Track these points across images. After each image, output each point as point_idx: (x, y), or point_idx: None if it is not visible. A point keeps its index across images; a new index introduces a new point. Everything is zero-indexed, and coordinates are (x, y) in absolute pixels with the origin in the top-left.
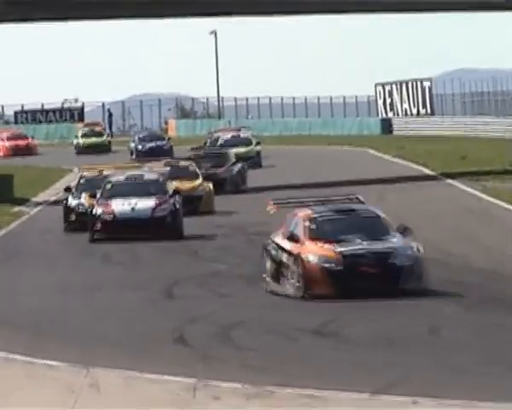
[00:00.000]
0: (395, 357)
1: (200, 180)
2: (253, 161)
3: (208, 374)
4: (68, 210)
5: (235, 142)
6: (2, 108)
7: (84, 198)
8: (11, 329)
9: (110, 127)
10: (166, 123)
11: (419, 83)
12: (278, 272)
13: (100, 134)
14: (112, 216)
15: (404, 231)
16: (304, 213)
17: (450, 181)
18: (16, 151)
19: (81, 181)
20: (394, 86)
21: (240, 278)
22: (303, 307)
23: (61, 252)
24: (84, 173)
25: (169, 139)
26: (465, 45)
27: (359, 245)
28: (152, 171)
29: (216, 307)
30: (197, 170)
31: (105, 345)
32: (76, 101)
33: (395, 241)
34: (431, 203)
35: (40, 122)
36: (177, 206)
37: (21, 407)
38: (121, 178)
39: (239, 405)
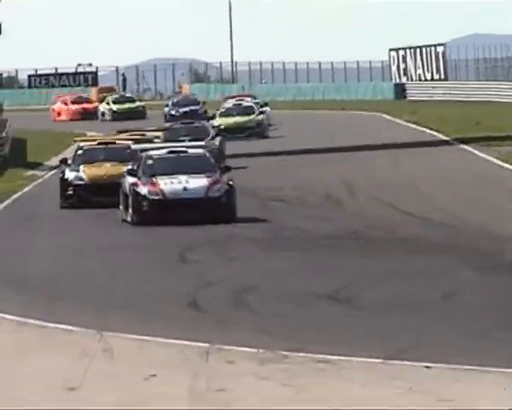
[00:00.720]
0: (408, 322)
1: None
2: (253, 131)
3: (221, 338)
4: (65, 184)
5: (236, 110)
6: (16, 72)
7: (83, 171)
8: (25, 292)
9: (124, 91)
10: (180, 87)
11: (433, 48)
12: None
13: (132, 100)
14: (161, 196)
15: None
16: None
17: (463, 146)
18: (84, 115)
19: (78, 152)
20: (408, 51)
21: (253, 243)
22: (316, 273)
23: (75, 215)
24: (81, 144)
25: (204, 103)
26: (479, 10)
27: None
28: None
29: (229, 272)
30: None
31: (118, 309)
32: (90, 65)
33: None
34: (445, 169)
35: (54, 86)
36: (232, 184)
37: (35, 371)
38: (163, 152)
39: (252, 369)
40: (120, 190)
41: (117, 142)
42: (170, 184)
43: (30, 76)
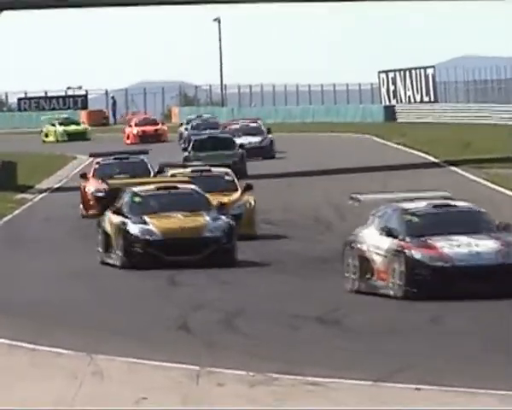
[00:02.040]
0: (397, 345)
1: (239, 193)
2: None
3: (212, 361)
4: (130, 239)
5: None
6: (6, 95)
7: (152, 224)
8: (15, 316)
9: (114, 115)
10: (170, 111)
11: (422, 70)
12: None
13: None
14: (448, 264)
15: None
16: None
17: (453, 168)
18: (143, 138)
19: (135, 200)
20: (398, 74)
21: (242, 266)
22: (305, 296)
23: (65, 239)
24: (135, 189)
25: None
26: (468, 33)
27: None
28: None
29: (219, 295)
30: (235, 179)
31: (108, 332)
32: (80, 88)
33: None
34: (434, 191)
35: (43, 109)
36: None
37: (25, 394)
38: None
39: (242, 392)
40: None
41: (179, 186)
42: (456, 248)
43: (20, 99)
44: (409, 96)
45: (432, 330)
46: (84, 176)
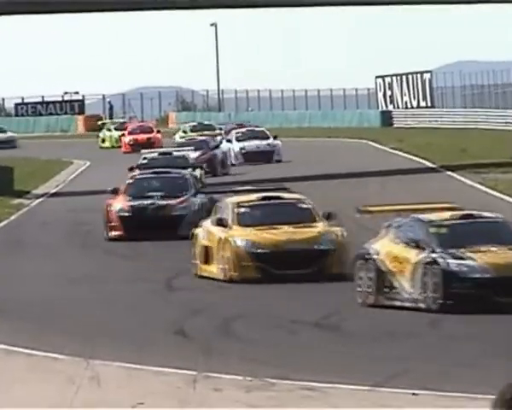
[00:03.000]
0: (395, 350)
1: (322, 224)
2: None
3: (209, 366)
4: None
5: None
6: (3, 100)
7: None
8: (12, 321)
9: (111, 120)
10: (167, 116)
11: (419, 75)
12: None
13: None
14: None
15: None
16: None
17: (449, 173)
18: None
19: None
20: (394, 79)
21: None
22: (304, 300)
23: (62, 243)
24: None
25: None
26: (465, 38)
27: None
28: None
29: (216, 300)
30: (314, 208)
31: (105, 337)
32: (77, 93)
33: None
34: (431, 196)
35: (41, 114)
36: None
37: (22, 399)
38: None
39: (239, 397)
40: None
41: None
42: None
43: (17, 104)
44: (405, 101)
45: (429, 334)
46: (115, 191)
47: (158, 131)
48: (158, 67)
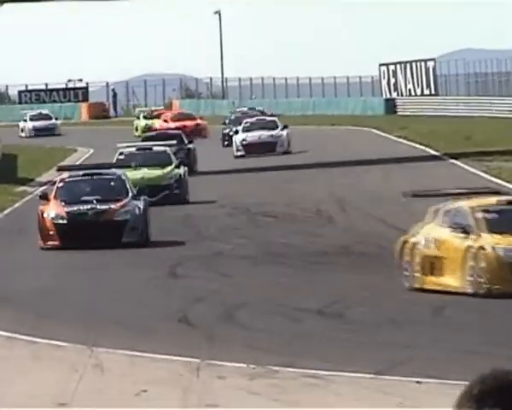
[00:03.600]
0: (398, 337)
1: None
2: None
3: (212, 354)
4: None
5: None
6: (7, 87)
7: None
8: (16, 308)
9: (115, 107)
10: (171, 103)
11: (423, 63)
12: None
13: None
14: None
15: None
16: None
17: (453, 161)
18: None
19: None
20: (398, 66)
21: (243, 259)
22: (307, 288)
23: None
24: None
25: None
26: (469, 25)
27: None
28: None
29: (220, 288)
30: None
31: (109, 325)
32: (80, 80)
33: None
34: (435, 184)
35: (44, 102)
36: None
37: (25, 387)
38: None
39: (243, 384)
40: None
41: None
42: None
43: (20, 92)
44: (409, 89)
45: (433, 322)
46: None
47: (201, 118)
48: (162, 55)
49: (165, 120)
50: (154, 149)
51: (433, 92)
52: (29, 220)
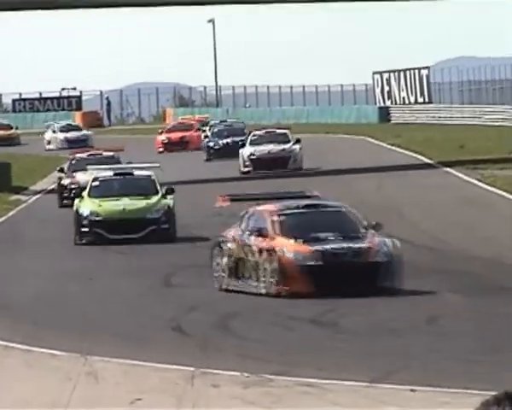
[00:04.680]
0: (393, 346)
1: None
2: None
3: (206, 362)
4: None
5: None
6: (1, 96)
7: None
8: (10, 317)
9: (109, 116)
10: (165, 112)
11: (417, 71)
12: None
13: None
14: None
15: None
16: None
17: (447, 169)
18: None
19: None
20: (392, 75)
21: None
22: (301, 297)
23: (60, 240)
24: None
25: (298, 141)
26: (463, 33)
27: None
28: None
29: (213, 296)
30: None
31: (103, 333)
32: (74, 89)
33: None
34: (428, 192)
35: (38, 111)
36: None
37: (19, 395)
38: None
39: (237, 393)
40: None
41: None
42: None
43: (14, 100)
44: (403, 97)
45: (427, 330)
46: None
47: (197, 130)
48: (156, 63)
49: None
50: (136, 173)
51: (426, 100)
52: (23, 229)
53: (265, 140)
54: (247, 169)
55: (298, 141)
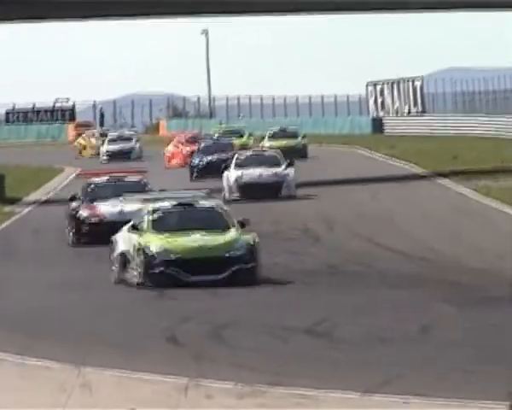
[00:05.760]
0: (386, 356)
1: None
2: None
3: (200, 373)
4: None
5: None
6: None
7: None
8: (3, 328)
9: (101, 127)
10: (158, 123)
11: (410, 82)
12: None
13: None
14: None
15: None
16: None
17: (441, 180)
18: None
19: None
20: (385, 85)
21: None
22: (295, 307)
23: (54, 251)
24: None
25: (290, 165)
26: (456, 44)
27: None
28: None
29: (207, 306)
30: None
31: (96, 344)
32: (67, 100)
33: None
34: (422, 202)
35: (31, 122)
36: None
37: (13, 407)
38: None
39: (231, 404)
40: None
41: None
42: None
43: (7, 112)
44: (397, 108)
45: (421, 340)
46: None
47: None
48: (149, 74)
49: (180, 142)
50: (198, 203)
51: (420, 111)
52: (17, 240)
53: (253, 162)
54: (233, 197)
55: (290, 164)
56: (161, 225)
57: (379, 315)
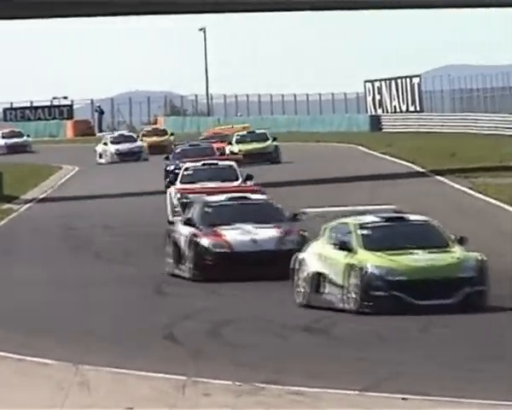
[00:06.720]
0: (385, 354)
1: None
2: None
3: (198, 371)
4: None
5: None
6: None
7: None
8: (2, 326)
9: (100, 125)
10: (156, 120)
11: (408, 80)
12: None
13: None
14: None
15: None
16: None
17: (439, 178)
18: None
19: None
20: (383, 83)
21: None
22: (293, 305)
23: (52, 249)
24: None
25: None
26: (454, 42)
27: None
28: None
29: (206, 304)
30: None
31: (95, 342)
32: (65, 98)
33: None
34: (420, 200)
35: (29, 119)
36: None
37: (11, 406)
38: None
39: (229, 402)
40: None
41: None
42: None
43: (5, 109)
44: (394, 106)
45: (420, 339)
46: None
47: (222, 142)
48: (147, 72)
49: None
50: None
51: (418, 109)
52: (15, 238)
53: (203, 176)
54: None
55: (249, 178)
56: (374, 241)
57: (376, 314)
